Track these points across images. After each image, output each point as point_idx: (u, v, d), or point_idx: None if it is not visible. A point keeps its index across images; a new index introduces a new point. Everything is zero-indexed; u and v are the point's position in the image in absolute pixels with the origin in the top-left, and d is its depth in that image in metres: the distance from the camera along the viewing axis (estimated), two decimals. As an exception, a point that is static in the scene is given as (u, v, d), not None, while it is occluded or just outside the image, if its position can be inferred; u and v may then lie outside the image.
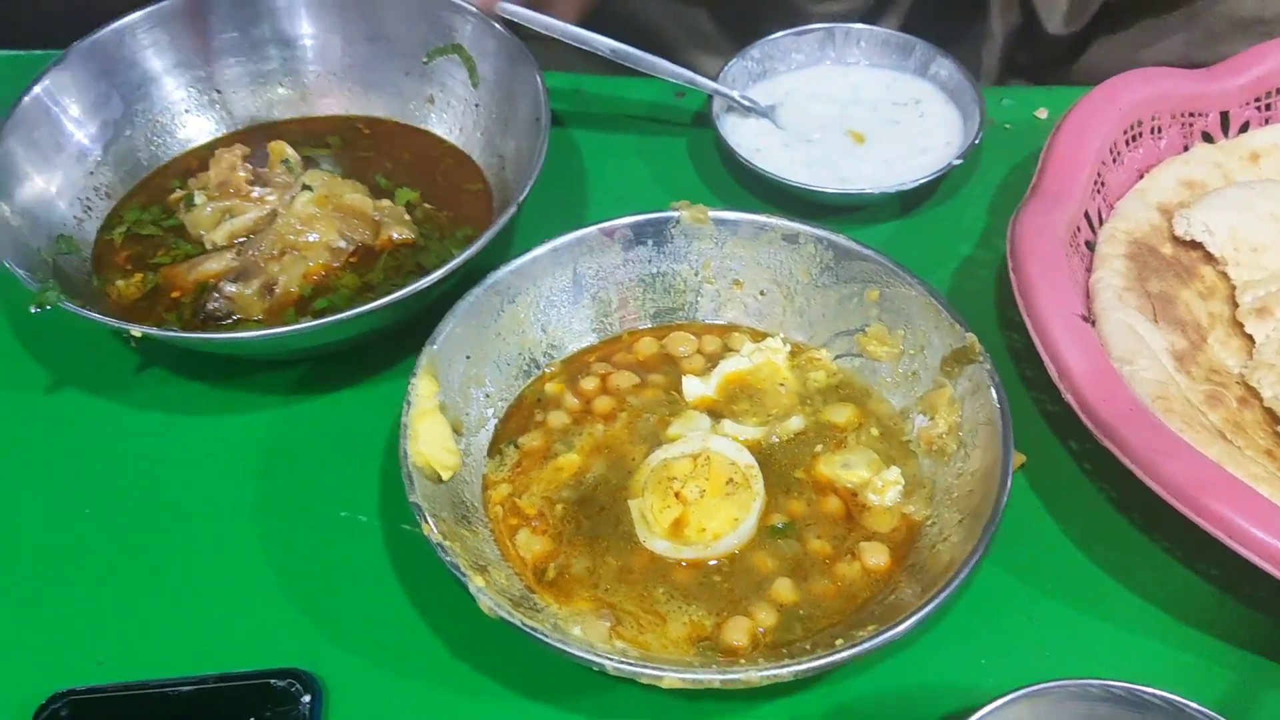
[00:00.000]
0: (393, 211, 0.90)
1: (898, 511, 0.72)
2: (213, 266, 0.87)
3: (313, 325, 0.76)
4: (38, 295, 0.77)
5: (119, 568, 0.74)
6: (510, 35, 0.93)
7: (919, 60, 1.00)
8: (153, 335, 0.76)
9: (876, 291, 0.78)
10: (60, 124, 0.90)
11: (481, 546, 0.69)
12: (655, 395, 0.79)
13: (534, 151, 0.85)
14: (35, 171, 0.88)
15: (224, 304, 0.84)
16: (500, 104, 0.94)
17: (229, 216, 0.90)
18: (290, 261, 0.86)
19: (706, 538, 0.69)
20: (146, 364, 0.85)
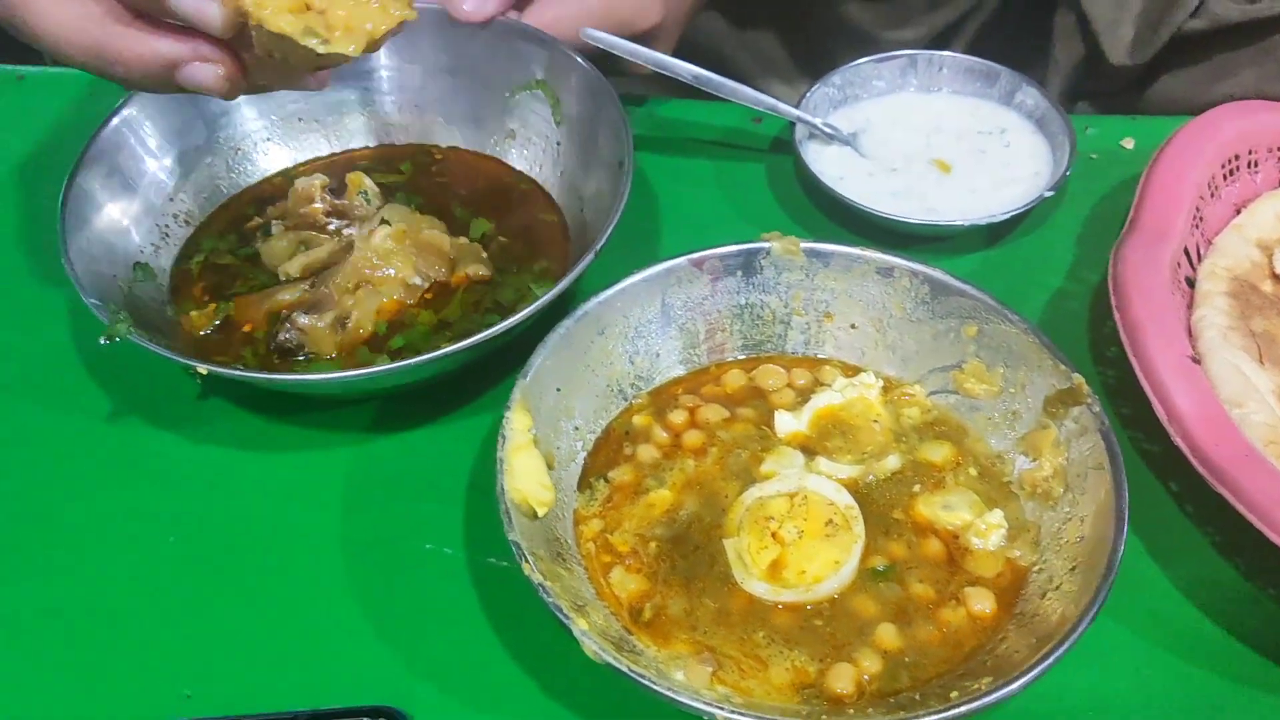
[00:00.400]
0: (469, 249, 0.89)
1: (1002, 556, 0.70)
2: (285, 297, 0.86)
3: (390, 368, 0.74)
4: (108, 327, 0.75)
5: (204, 600, 0.73)
6: (594, 71, 0.91)
7: (1004, 88, 0.99)
8: (219, 373, 0.75)
9: (975, 328, 0.76)
10: (140, 152, 0.89)
11: (578, 586, 0.67)
12: (746, 430, 0.77)
13: (615, 194, 0.83)
14: (114, 200, 0.87)
15: (295, 335, 0.82)
16: (582, 143, 0.92)
17: (304, 248, 0.88)
18: (364, 296, 0.84)
19: (807, 580, 0.68)
20: (220, 395, 0.84)
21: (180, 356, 0.74)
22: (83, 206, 0.83)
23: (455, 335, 0.83)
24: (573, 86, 0.92)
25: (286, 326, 0.82)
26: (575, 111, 0.93)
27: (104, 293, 0.79)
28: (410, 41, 0.96)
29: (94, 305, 0.76)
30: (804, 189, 0.99)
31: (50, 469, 0.80)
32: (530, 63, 0.94)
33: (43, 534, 0.77)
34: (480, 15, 0.91)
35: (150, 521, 0.77)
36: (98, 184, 0.85)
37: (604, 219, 0.81)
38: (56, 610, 0.73)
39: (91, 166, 0.85)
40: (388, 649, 0.71)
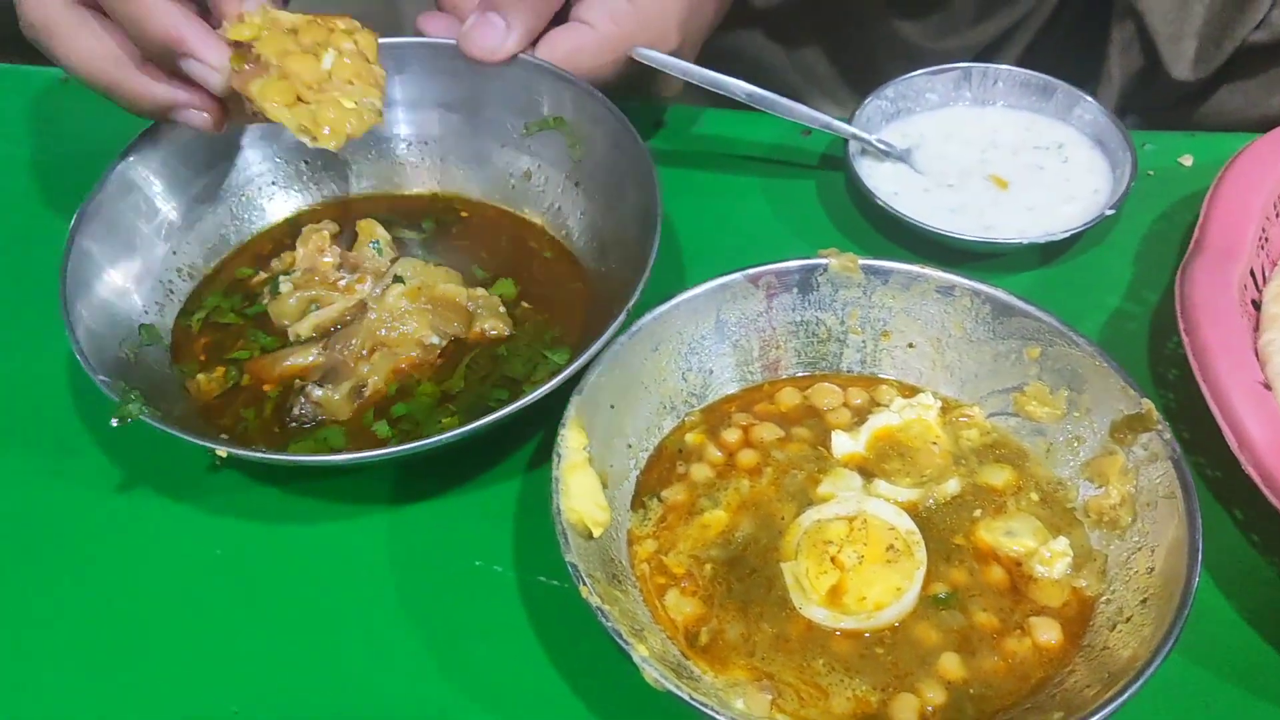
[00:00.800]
0: (487, 302, 0.85)
1: (1067, 585, 0.68)
2: (298, 361, 0.81)
3: (392, 452, 0.70)
4: (118, 408, 0.71)
5: (251, 618, 0.72)
6: (617, 113, 0.86)
7: (1061, 102, 0.97)
8: (239, 455, 0.71)
9: (1037, 349, 0.75)
10: (141, 207, 0.85)
11: (634, 609, 0.66)
12: (801, 450, 0.76)
13: (644, 246, 0.78)
14: (115, 261, 0.82)
15: (310, 409, 0.78)
16: (604, 186, 0.88)
17: (315, 306, 0.84)
18: (380, 359, 0.81)
19: (868, 607, 0.66)
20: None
21: (195, 436, 0.70)
22: (84, 270, 0.79)
23: (460, 409, 0.79)
24: (592, 124, 0.88)
25: (301, 401, 0.78)
26: (596, 150, 0.88)
27: (109, 363, 0.75)
28: (420, 79, 0.92)
29: (103, 384, 0.72)
30: (855, 204, 0.97)
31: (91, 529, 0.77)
32: (545, 99, 0.90)
33: (89, 570, 0.76)
34: (498, 56, 0.88)
35: (195, 541, 0.76)
36: (97, 245, 0.80)
37: (633, 278, 0.77)
38: (96, 638, 0.72)
39: (90, 224, 0.80)
40: (436, 667, 0.70)
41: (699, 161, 1.02)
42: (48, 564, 0.75)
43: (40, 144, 1.04)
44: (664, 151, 1.03)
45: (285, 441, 0.77)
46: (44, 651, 0.71)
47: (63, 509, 0.78)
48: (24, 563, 0.75)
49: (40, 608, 0.73)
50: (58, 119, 1.07)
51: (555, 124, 0.91)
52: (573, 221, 0.91)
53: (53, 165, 1.02)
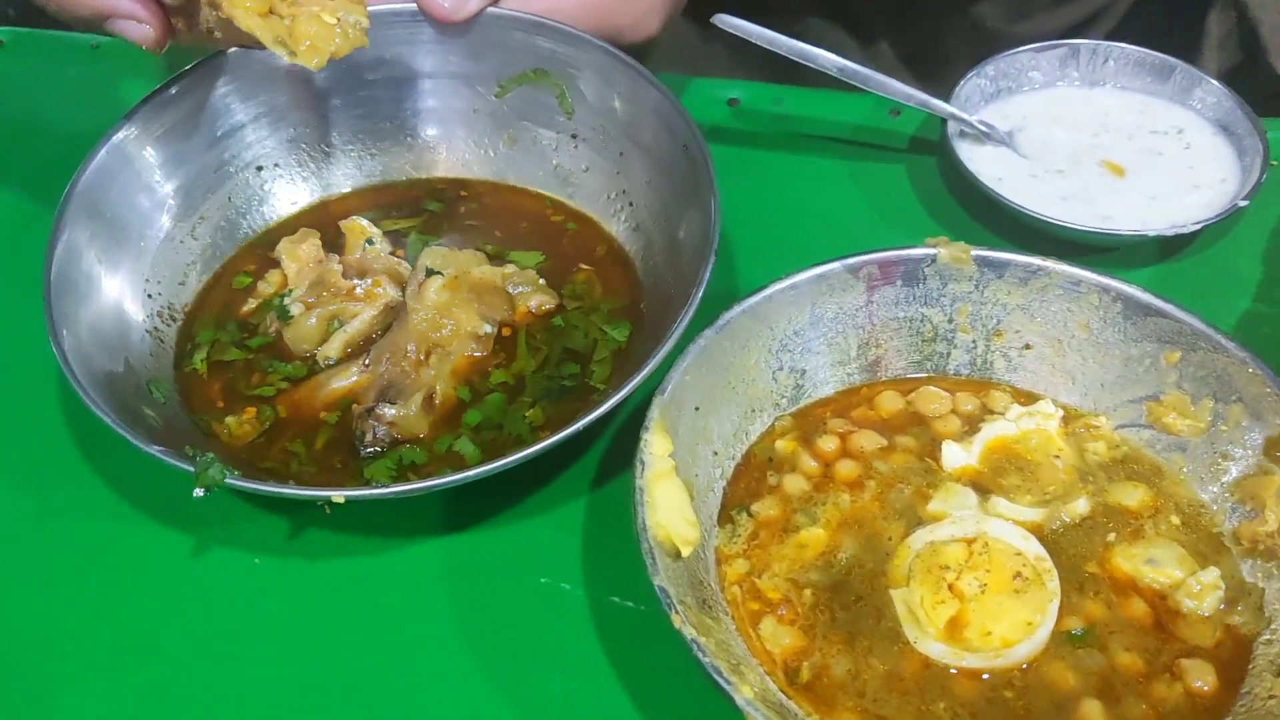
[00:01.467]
0: (524, 278, 0.77)
1: (1219, 622, 0.60)
2: (341, 385, 0.72)
3: (490, 469, 0.62)
4: (199, 477, 0.61)
5: (302, 635, 0.65)
6: (612, 51, 0.78)
7: (1179, 84, 0.88)
8: (359, 498, 0.62)
9: (1177, 354, 0.66)
10: (98, 266, 0.73)
11: (728, 640, 0.58)
12: (906, 461, 0.68)
13: (703, 213, 0.70)
14: (100, 339, 0.71)
15: (385, 431, 0.69)
16: (617, 139, 0.80)
17: (338, 323, 0.75)
18: (438, 361, 0.72)
19: (994, 643, 0.58)
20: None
21: (299, 487, 0.63)
22: (80, 361, 0.66)
23: (534, 396, 0.72)
24: (586, 74, 0.80)
25: (372, 424, 0.69)
26: (599, 104, 0.80)
27: (139, 428, 0.65)
28: (382, 52, 0.82)
29: (173, 461, 0.62)
30: (951, 190, 0.89)
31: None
32: (523, 53, 0.81)
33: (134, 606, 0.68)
34: (459, 15, 0.79)
35: (238, 554, 0.69)
36: (82, 331, 0.69)
37: (701, 250, 0.69)
38: (132, 680, 0.65)
39: (62, 304, 0.68)
40: (498, 694, 0.62)
41: (776, 143, 0.94)
42: (77, 608, 0.67)
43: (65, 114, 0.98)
44: (738, 132, 0.95)
45: (350, 468, 0.69)
46: (91, 696, 0.63)
47: (81, 547, 0.70)
48: (57, 607, 0.67)
49: (75, 651, 0.65)
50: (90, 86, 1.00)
51: (536, 77, 0.81)
52: (587, 183, 0.82)
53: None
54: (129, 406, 0.67)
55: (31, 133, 0.97)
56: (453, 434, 0.70)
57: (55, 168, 0.91)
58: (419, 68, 0.84)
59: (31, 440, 0.75)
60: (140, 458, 0.62)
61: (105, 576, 0.68)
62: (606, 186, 0.81)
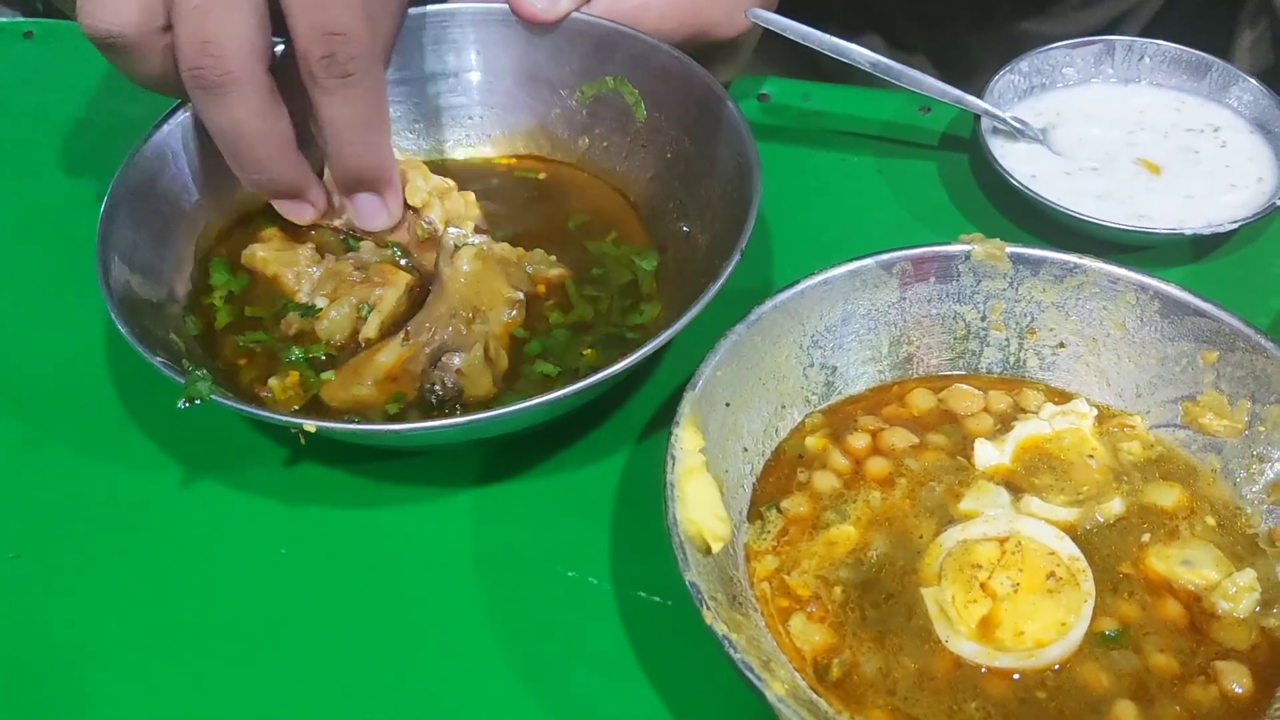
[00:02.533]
0: (536, 256, 0.78)
1: (1255, 625, 0.59)
2: (386, 359, 0.71)
3: (566, 393, 0.62)
4: (186, 389, 0.62)
5: (320, 632, 0.65)
6: (685, 59, 0.79)
7: (1215, 82, 0.87)
8: (329, 431, 0.62)
9: (1215, 354, 0.66)
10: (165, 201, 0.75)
11: (758, 636, 0.58)
12: (938, 459, 0.67)
13: (743, 186, 0.72)
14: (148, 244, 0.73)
15: (454, 379, 0.69)
16: (682, 146, 0.80)
17: (367, 308, 0.74)
18: (483, 324, 0.72)
19: (1026, 643, 0.58)
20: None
21: (275, 413, 0.63)
22: (121, 288, 0.68)
23: (596, 338, 0.73)
24: (659, 81, 0.80)
25: (438, 374, 0.69)
26: (668, 110, 0.80)
27: (153, 327, 0.67)
28: (463, 48, 0.84)
29: (162, 365, 0.63)
30: (983, 187, 0.88)
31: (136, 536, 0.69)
32: (604, 59, 0.82)
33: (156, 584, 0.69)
34: (552, 15, 0.80)
35: (262, 536, 0.69)
36: (129, 257, 0.70)
37: (730, 231, 0.70)
38: (153, 629, 0.65)
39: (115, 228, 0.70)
40: (523, 690, 0.62)
41: (805, 139, 0.93)
42: (101, 557, 0.68)
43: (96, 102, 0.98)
44: (766, 127, 0.94)
45: None
46: (104, 644, 0.64)
47: (114, 499, 0.71)
48: (77, 557, 0.68)
49: (98, 600, 0.66)
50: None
51: (616, 84, 0.82)
52: (647, 187, 0.83)
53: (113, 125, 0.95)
54: (158, 335, 0.68)
55: (64, 121, 0.98)
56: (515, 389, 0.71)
57: (88, 155, 0.92)
58: (501, 67, 0.85)
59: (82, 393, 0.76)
60: (170, 407, 0.63)
61: (132, 522, 0.70)
62: (664, 193, 0.81)
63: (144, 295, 0.71)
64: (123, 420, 0.74)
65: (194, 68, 0.64)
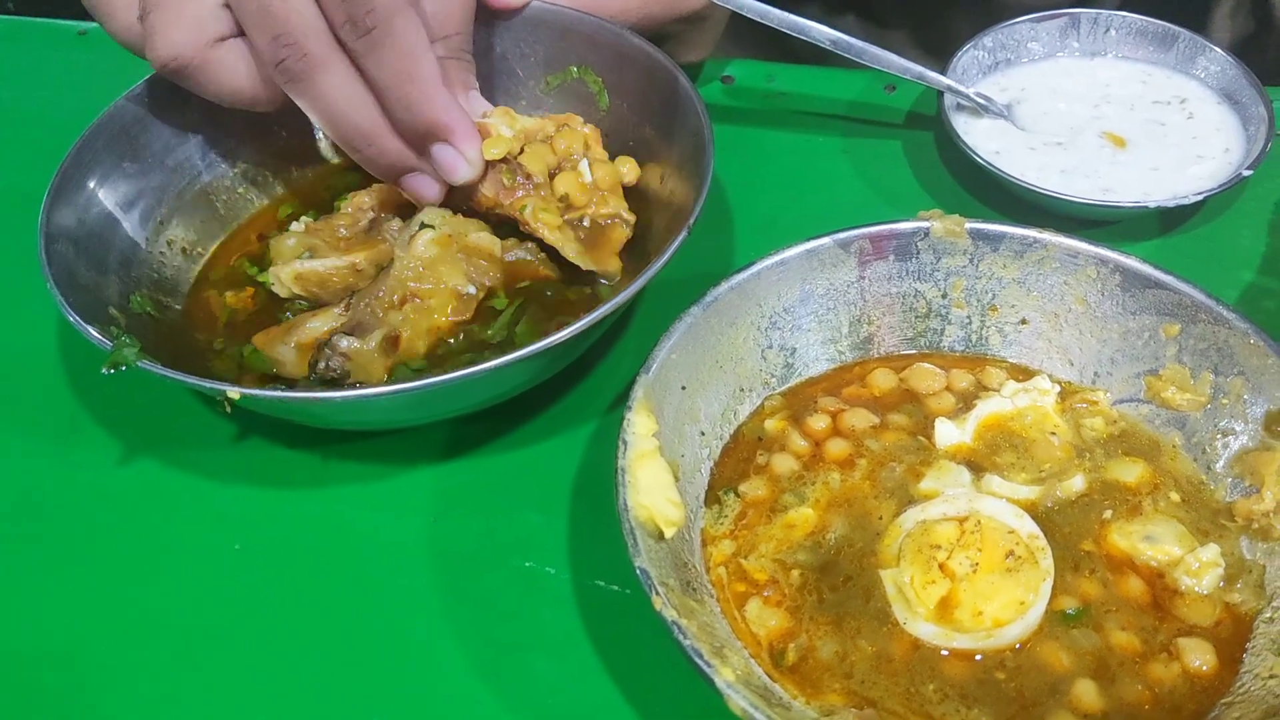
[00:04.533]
0: (522, 249, 0.76)
1: (1219, 600, 0.58)
2: (317, 325, 0.71)
3: (450, 378, 0.60)
4: (112, 354, 0.62)
5: (277, 629, 0.64)
6: (649, 47, 0.78)
7: (1182, 53, 0.86)
8: (252, 396, 0.61)
9: (1176, 326, 0.65)
10: (141, 149, 0.77)
11: (712, 622, 0.57)
12: (899, 439, 0.66)
13: (698, 164, 0.70)
14: (115, 190, 0.75)
15: (340, 362, 0.69)
16: (642, 129, 0.79)
17: (309, 255, 0.75)
18: (413, 312, 0.71)
19: (985, 623, 0.57)
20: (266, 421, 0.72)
21: (204, 380, 0.61)
22: (77, 207, 0.71)
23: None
24: (621, 69, 0.80)
25: (327, 353, 0.69)
26: (629, 96, 0.80)
27: (95, 307, 0.67)
28: None
29: (88, 332, 0.63)
30: (948, 165, 0.87)
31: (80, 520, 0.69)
32: (568, 47, 0.81)
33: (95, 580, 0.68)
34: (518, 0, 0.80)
35: (216, 540, 0.68)
36: (73, 237, 0.71)
37: (689, 201, 0.69)
38: (104, 623, 0.64)
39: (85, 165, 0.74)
40: (481, 683, 0.61)
41: (770, 120, 0.92)
42: (50, 549, 0.67)
43: (55, 98, 0.97)
44: (731, 110, 0.93)
45: None
46: (55, 636, 0.63)
47: (64, 488, 0.70)
48: (28, 549, 0.67)
49: (47, 594, 0.65)
50: (77, 73, 1.00)
51: (581, 73, 0.82)
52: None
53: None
54: (98, 289, 0.69)
55: (22, 118, 0.97)
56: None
57: (46, 150, 0.90)
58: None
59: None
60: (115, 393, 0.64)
61: (78, 511, 0.69)
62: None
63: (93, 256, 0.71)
64: (74, 412, 0.73)
65: (276, 63, 0.66)
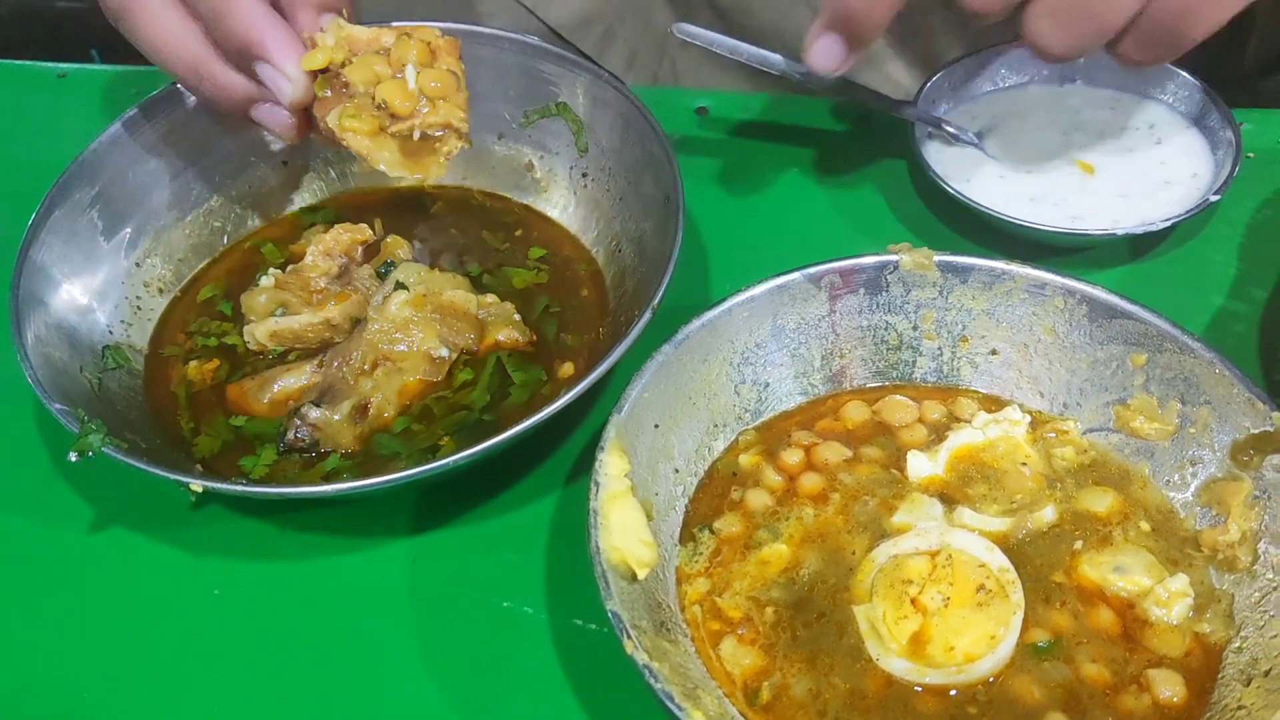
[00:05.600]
0: (500, 309, 0.76)
1: (1188, 630, 0.59)
2: (290, 383, 0.72)
3: (410, 475, 0.62)
4: (77, 441, 0.63)
5: (253, 664, 0.64)
6: (629, 96, 0.78)
7: (1151, 78, 0.87)
8: (216, 490, 0.63)
9: (1143, 356, 0.65)
10: (106, 208, 0.77)
11: (686, 663, 0.57)
12: (872, 473, 0.67)
13: (666, 238, 0.70)
14: (75, 274, 0.74)
15: (308, 433, 0.69)
16: (615, 177, 0.80)
17: (283, 310, 0.75)
18: (384, 376, 0.71)
19: (956, 658, 0.57)
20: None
21: (165, 469, 0.62)
22: (37, 287, 0.71)
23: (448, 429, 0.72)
24: (600, 109, 0.81)
25: (296, 423, 0.69)
26: (605, 139, 0.80)
27: (69, 391, 0.67)
28: None
29: (60, 412, 0.64)
30: (922, 195, 0.88)
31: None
32: (546, 83, 0.82)
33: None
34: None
35: (195, 585, 0.68)
36: (54, 260, 0.73)
37: (657, 273, 0.69)
38: (77, 688, 0.64)
39: (45, 234, 0.73)
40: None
41: (744, 153, 0.93)
42: (19, 613, 0.67)
43: (32, 143, 0.97)
44: (704, 141, 0.94)
45: (290, 475, 0.69)
46: (25, 700, 0.63)
47: (35, 553, 0.70)
48: (4, 602, 0.67)
49: (16, 653, 0.65)
50: (55, 119, 1.00)
51: (559, 111, 0.82)
52: (581, 214, 0.83)
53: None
54: (63, 360, 0.70)
55: (1, 161, 0.97)
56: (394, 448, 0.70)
57: (25, 195, 0.90)
58: None
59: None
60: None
61: (58, 577, 0.69)
62: (608, 225, 0.81)
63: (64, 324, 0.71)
64: (47, 473, 0.73)
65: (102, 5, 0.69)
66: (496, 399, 0.73)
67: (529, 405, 0.70)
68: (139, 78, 1.00)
